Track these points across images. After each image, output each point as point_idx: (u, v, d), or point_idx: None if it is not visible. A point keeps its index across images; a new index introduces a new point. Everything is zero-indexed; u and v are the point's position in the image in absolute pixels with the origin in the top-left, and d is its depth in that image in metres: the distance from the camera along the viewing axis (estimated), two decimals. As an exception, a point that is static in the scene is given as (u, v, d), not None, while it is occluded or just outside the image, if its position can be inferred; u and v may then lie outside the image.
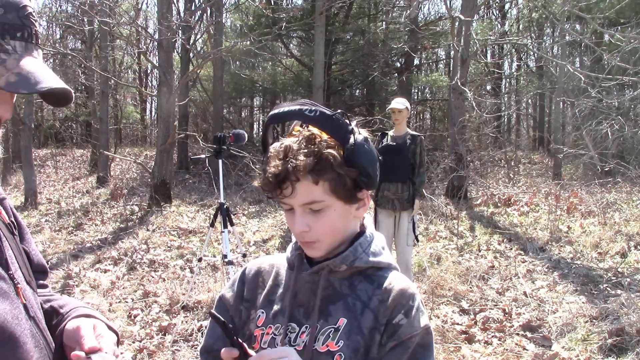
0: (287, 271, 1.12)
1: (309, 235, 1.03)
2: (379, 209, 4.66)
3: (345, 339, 1.01)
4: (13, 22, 0.84)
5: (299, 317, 1.06)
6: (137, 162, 12.04)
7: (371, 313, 1.02)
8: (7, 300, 0.89)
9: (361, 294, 1.04)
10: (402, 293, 1.03)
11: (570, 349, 3.80)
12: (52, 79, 0.86)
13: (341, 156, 1.00)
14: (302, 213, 1.02)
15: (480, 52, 13.42)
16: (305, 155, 0.98)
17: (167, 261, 6.22)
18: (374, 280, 1.06)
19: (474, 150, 12.93)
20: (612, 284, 5.05)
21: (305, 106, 1.03)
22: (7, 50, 0.84)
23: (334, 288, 1.05)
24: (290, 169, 0.98)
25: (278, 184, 1.00)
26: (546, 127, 21.44)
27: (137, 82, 24.24)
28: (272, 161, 1.01)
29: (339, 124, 1.02)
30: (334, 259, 1.05)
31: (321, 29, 13.46)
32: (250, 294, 1.14)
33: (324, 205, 1.01)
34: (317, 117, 1.02)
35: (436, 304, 4.74)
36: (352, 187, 1.02)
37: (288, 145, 1.01)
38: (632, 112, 9.26)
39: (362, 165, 1.02)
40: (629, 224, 7.52)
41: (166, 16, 9.52)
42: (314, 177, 0.99)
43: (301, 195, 1.00)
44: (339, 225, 1.05)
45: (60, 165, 17.64)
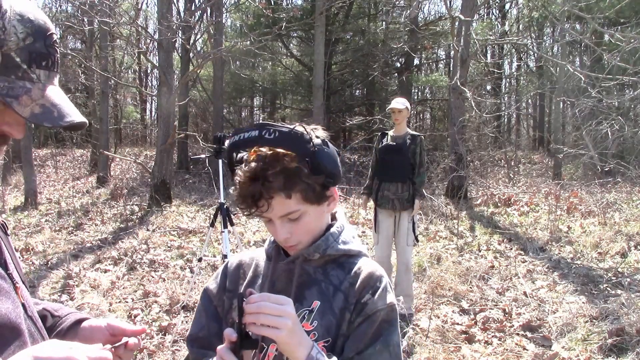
0: (265, 262, 1.23)
1: (291, 240, 1.13)
2: (379, 209, 4.66)
3: (320, 319, 1.11)
4: (40, 51, 0.86)
5: None
6: (137, 162, 12.03)
7: (342, 294, 1.13)
8: (9, 300, 0.90)
9: (333, 279, 1.15)
10: (370, 275, 1.14)
11: (570, 349, 3.80)
12: (74, 113, 0.88)
13: (306, 167, 1.07)
14: (281, 223, 1.11)
15: (480, 52, 13.42)
16: (274, 175, 1.05)
17: (167, 261, 6.22)
18: (345, 267, 1.17)
19: (474, 150, 12.93)
20: (612, 284, 5.05)
21: (264, 130, 1.08)
22: (32, 79, 0.85)
23: (308, 275, 1.16)
24: (262, 189, 1.06)
25: (254, 203, 1.08)
26: (546, 127, 21.45)
27: (137, 82, 24.24)
28: (243, 184, 1.08)
29: (298, 138, 1.07)
30: (308, 249, 1.15)
31: (321, 29, 13.47)
32: (232, 285, 1.23)
33: (300, 213, 1.10)
34: (277, 138, 1.07)
35: (436, 304, 4.74)
36: (320, 190, 1.11)
37: (255, 167, 1.07)
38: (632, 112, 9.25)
39: (326, 169, 1.09)
40: (629, 224, 7.52)
41: (166, 16, 9.52)
42: (286, 192, 1.06)
43: (277, 209, 1.08)
44: (315, 225, 1.15)
45: (60, 165, 17.64)
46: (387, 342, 1.10)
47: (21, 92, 0.84)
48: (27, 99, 0.84)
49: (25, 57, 0.84)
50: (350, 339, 1.11)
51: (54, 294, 5.12)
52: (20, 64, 0.84)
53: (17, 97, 0.83)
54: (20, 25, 0.84)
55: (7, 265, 0.95)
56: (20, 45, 0.83)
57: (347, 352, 1.10)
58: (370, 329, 1.10)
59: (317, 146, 1.08)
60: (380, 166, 4.68)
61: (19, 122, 0.88)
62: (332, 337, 1.11)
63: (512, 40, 15.68)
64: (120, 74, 19.61)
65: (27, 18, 0.85)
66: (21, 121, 0.88)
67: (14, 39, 0.83)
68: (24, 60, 0.84)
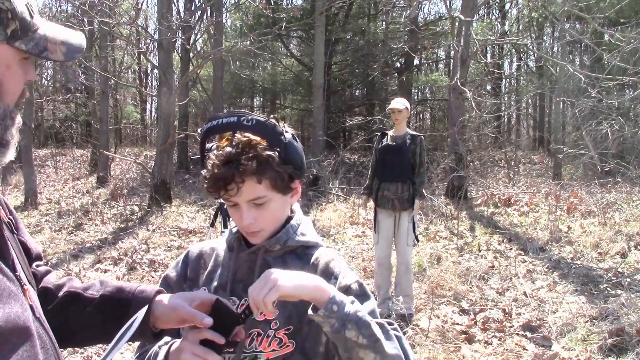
0: (226, 253, 1.26)
1: (254, 226, 1.16)
2: (379, 209, 4.65)
3: (281, 309, 1.13)
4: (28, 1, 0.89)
5: (239, 291, 1.19)
6: (137, 162, 12.03)
7: None
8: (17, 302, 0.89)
9: (292, 270, 1.15)
10: (327, 265, 1.20)
11: (570, 349, 3.80)
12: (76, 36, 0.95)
13: (277, 156, 1.13)
14: (247, 208, 1.15)
15: (480, 52, 13.42)
16: (247, 159, 1.10)
17: (167, 261, 6.22)
18: (303, 258, 1.22)
19: (474, 150, 12.93)
20: (612, 284, 5.05)
21: (242, 117, 1.14)
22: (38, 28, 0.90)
23: (268, 265, 1.18)
24: (235, 172, 1.10)
25: (224, 186, 1.12)
26: (546, 127, 21.45)
27: (137, 82, 24.25)
28: (215, 167, 1.12)
29: (272, 128, 1.14)
30: (269, 240, 1.19)
31: (321, 29, 13.46)
32: (193, 274, 1.26)
33: (267, 199, 1.15)
34: (254, 125, 1.14)
35: (436, 304, 4.74)
36: (287, 180, 1.17)
37: (229, 152, 1.12)
38: (632, 112, 9.25)
39: (295, 161, 1.16)
40: (629, 224, 7.52)
41: (166, 16, 9.52)
42: (258, 177, 1.12)
43: (246, 193, 1.13)
44: (279, 214, 1.20)
45: (60, 165, 17.64)
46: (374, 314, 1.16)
47: (44, 43, 0.89)
48: (52, 46, 0.89)
49: (28, 13, 0.88)
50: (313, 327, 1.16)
51: (54, 294, 5.12)
52: (31, 22, 0.88)
53: (46, 49, 0.88)
54: None
55: (15, 266, 0.95)
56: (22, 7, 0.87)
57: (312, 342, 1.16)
58: None
59: (287, 139, 1.15)
60: (380, 166, 4.68)
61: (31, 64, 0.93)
62: (293, 325, 1.16)
63: (512, 40, 15.68)
64: (120, 74, 19.61)
65: None
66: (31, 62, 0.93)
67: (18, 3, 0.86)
68: (29, 14, 0.88)
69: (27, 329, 0.89)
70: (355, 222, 8.27)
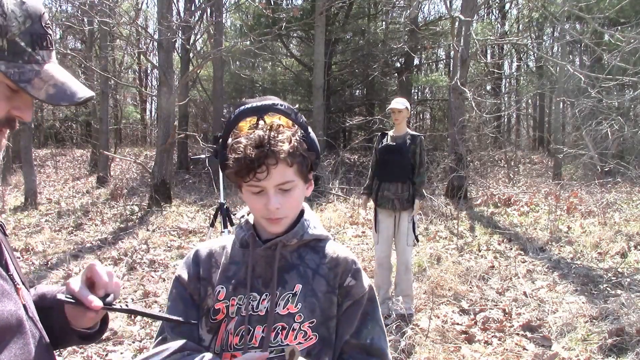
0: (239, 250, 1.25)
1: (280, 212, 1.16)
2: (379, 208, 4.65)
3: (303, 301, 1.17)
4: (39, 32, 0.87)
5: (259, 287, 1.19)
6: (137, 162, 12.04)
7: (323, 279, 1.21)
8: (11, 301, 0.90)
9: (310, 263, 1.22)
10: (347, 260, 1.24)
11: (570, 349, 3.80)
12: (81, 88, 0.91)
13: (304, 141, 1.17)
14: (274, 193, 1.15)
15: (480, 52, 13.41)
16: (281, 142, 1.12)
17: (167, 261, 6.22)
18: (318, 251, 1.24)
19: (474, 150, 12.92)
20: (612, 284, 5.05)
21: (276, 100, 1.19)
22: (37, 61, 0.86)
23: (286, 259, 1.21)
24: (268, 154, 1.11)
25: (253, 169, 1.12)
26: (546, 127, 21.45)
27: (137, 82, 24.24)
28: (247, 149, 1.12)
29: (299, 116, 1.19)
30: (286, 235, 1.20)
31: (321, 29, 13.46)
32: (206, 273, 1.25)
33: (293, 185, 1.17)
34: (286, 110, 1.18)
35: (436, 304, 4.74)
36: (309, 168, 1.21)
37: (262, 135, 1.13)
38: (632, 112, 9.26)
39: (316, 149, 1.21)
40: (629, 224, 7.52)
41: (166, 16, 9.52)
42: (290, 160, 1.13)
43: (276, 177, 1.13)
44: (299, 202, 1.22)
45: (60, 165, 17.64)
46: (376, 318, 1.23)
47: (32, 76, 0.85)
48: (39, 82, 0.85)
49: (28, 41, 0.85)
50: (342, 322, 1.21)
51: (54, 294, 5.12)
52: (25, 47, 0.84)
53: (30, 81, 0.84)
54: (18, 8, 0.84)
55: (8, 266, 0.96)
56: (22, 30, 0.84)
57: (342, 335, 1.20)
58: (359, 311, 1.21)
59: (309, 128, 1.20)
60: (380, 166, 4.68)
61: (29, 105, 0.90)
62: (316, 319, 1.17)
63: (512, 40, 15.67)
64: (120, 74, 19.60)
65: (20, 1, 0.85)
66: (30, 104, 0.90)
67: (16, 24, 0.83)
68: (28, 44, 0.85)
69: (21, 327, 0.90)
70: (355, 222, 8.27)
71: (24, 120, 0.91)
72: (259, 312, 1.17)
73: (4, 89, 0.85)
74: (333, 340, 1.20)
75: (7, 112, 0.88)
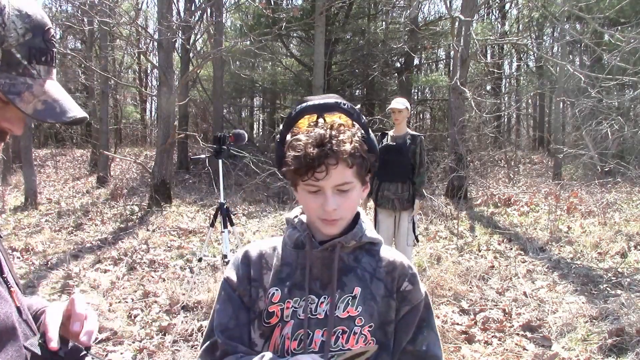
0: (292, 251, 1.22)
1: (336, 213, 1.13)
2: (379, 209, 4.65)
3: (362, 305, 1.16)
4: (39, 47, 0.86)
5: (316, 290, 1.17)
6: (137, 162, 12.03)
7: (381, 283, 1.19)
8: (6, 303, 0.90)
9: (366, 266, 1.20)
10: (403, 264, 1.23)
11: (570, 349, 3.80)
12: (75, 108, 0.89)
13: (364, 143, 1.14)
14: (332, 194, 1.12)
15: (480, 52, 13.40)
16: (342, 141, 1.09)
17: (167, 261, 6.22)
18: (374, 254, 1.22)
19: (474, 150, 12.92)
20: (612, 284, 5.05)
21: (339, 99, 1.16)
22: (32, 75, 0.85)
23: (343, 262, 1.19)
24: (329, 153, 1.08)
25: (312, 168, 1.09)
26: (546, 127, 21.45)
27: (137, 82, 24.24)
28: (307, 147, 1.09)
29: (361, 117, 1.17)
30: (345, 236, 1.18)
31: (321, 29, 13.46)
32: (256, 274, 1.22)
33: (351, 186, 1.13)
34: (350, 109, 1.16)
35: (436, 304, 4.74)
36: (367, 171, 1.17)
37: (322, 133, 1.10)
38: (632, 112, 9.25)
39: (376, 152, 1.17)
40: (629, 224, 7.52)
41: (166, 16, 9.52)
42: (350, 160, 1.10)
43: (335, 177, 1.10)
44: (356, 205, 1.18)
45: (60, 165, 17.64)
46: (432, 325, 1.23)
47: (23, 89, 0.83)
48: (29, 96, 0.84)
49: (25, 53, 0.84)
50: (399, 328, 1.20)
51: (54, 294, 5.12)
52: (21, 60, 0.84)
53: (19, 94, 0.83)
54: (19, 20, 0.83)
55: (2, 268, 0.95)
56: (20, 41, 0.83)
57: (400, 341, 1.20)
58: (416, 317, 1.20)
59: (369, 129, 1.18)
60: (380, 166, 4.67)
61: (20, 119, 0.88)
62: (374, 323, 1.16)
63: (512, 40, 15.66)
64: (120, 74, 19.60)
65: (25, 13, 0.84)
66: (21, 117, 0.88)
67: (14, 35, 0.82)
68: (24, 56, 0.84)
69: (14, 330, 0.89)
70: (355, 222, 8.27)
71: (14, 133, 0.89)
72: (318, 315, 1.15)
73: None
74: (390, 345, 1.19)
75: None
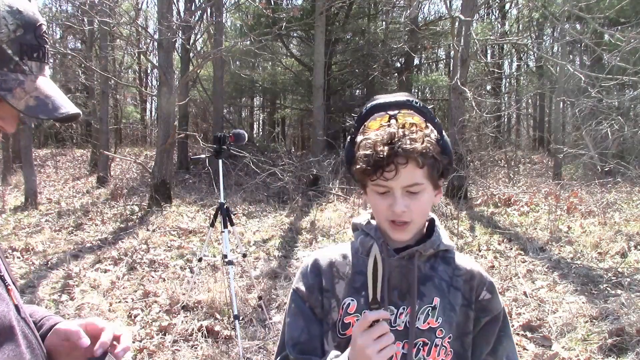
0: (366, 259, 1.15)
1: (405, 215, 1.09)
2: (379, 209, 4.65)
3: (442, 315, 1.12)
4: (31, 43, 0.85)
5: (395, 300, 1.13)
6: (137, 162, 12.03)
7: (458, 292, 1.15)
8: (3, 302, 0.90)
9: (443, 275, 1.16)
10: (480, 272, 1.20)
11: (570, 349, 3.80)
12: (67, 104, 0.89)
13: (437, 144, 1.10)
14: (401, 195, 1.08)
15: (480, 52, 13.41)
16: (413, 140, 1.06)
17: (167, 261, 6.22)
18: (449, 262, 1.18)
19: (474, 150, 12.91)
20: (612, 284, 5.05)
21: (410, 97, 1.12)
22: (24, 71, 0.85)
23: (420, 270, 1.14)
24: (399, 152, 1.04)
25: (381, 167, 1.06)
26: (546, 127, 21.45)
27: (137, 82, 24.24)
28: (376, 146, 1.06)
29: (434, 116, 1.12)
30: (424, 244, 1.14)
31: (321, 29, 13.46)
32: (328, 284, 1.17)
33: (422, 188, 1.09)
34: (422, 107, 1.11)
35: (436, 304, 4.74)
36: (439, 174, 1.12)
37: (393, 132, 1.07)
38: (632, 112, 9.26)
39: (450, 154, 1.12)
40: (629, 224, 7.52)
41: (166, 16, 9.52)
42: (421, 160, 1.06)
43: (404, 177, 1.06)
44: (428, 208, 1.14)
45: (60, 165, 17.64)
46: (509, 335, 1.19)
47: (14, 85, 0.83)
48: (20, 92, 0.83)
49: (16, 49, 0.83)
50: (479, 339, 1.16)
51: (54, 294, 5.12)
52: (12, 56, 0.83)
53: (11, 90, 0.82)
54: (10, 16, 0.83)
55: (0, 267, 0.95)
56: (11, 37, 0.82)
57: (480, 353, 1.16)
58: (496, 327, 1.17)
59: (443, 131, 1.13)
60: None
61: (13, 115, 0.87)
62: (452, 334, 1.12)
63: (512, 40, 15.67)
64: (120, 74, 19.60)
65: (16, 9, 0.84)
66: (14, 114, 0.87)
67: (5, 30, 0.82)
68: (15, 52, 0.83)
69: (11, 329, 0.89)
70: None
71: (6, 131, 0.88)
72: (397, 326, 1.11)
73: None
74: (468, 356, 1.15)
75: None
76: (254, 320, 4.47)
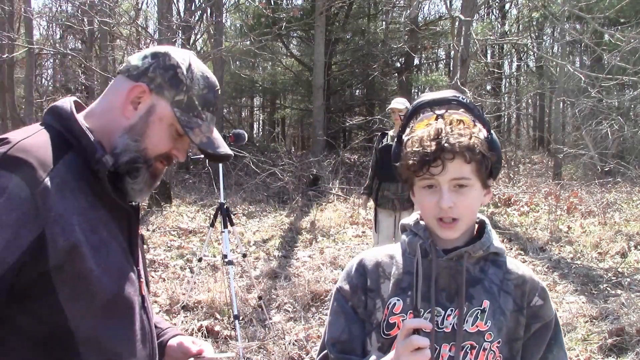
0: (409, 259, 1.17)
1: (452, 211, 1.08)
2: (379, 208, 4.66)
3: (492, 319, 1.10)
4: (210, 100, 1.15)
5: (443, 301, 1.11)
6: (137, 162, 11.95)
7: (509, 296, 1.13)
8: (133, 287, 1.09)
9: (493, 278, 1.14)
10: (532, 277, 1.17)
11: (570, 349, 3.80)
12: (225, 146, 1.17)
13: (485, 140, 1.10)
14: (448, 190, 1.07)
15: (480, 52, 13.40)
16: (460, 135, 1.06)
17: (167, 261, 6.22)
18: (500, 265, 1.16)
19: (474, 150, 12.90)
20: (612, 284, 5.05)
21: (457, 94, 1.13)
22: (202, 118, 1.13)
23: (469, 273, 1.13)
24: (446, 147, 1.05)
25: (428, 162, 1.06)
26: (546, 127, 21.44)
27: (137, 82, 24.19)
28: (423, 141, 1.08)
29: (482, 113, 1.13)
30: (473, 245, 1.12)
31: (321, 29, 13.47)
32: (373, 284, 1.17)
33: (469, 183, 1.08)
34: (469, 105, 1.12)
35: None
36: (488, 172, 1.11)
37: (440, 128, 1.08)
38: (632, 112, 9.26)
39: (498, 152, 1.12)
40: (629, 224, 7.51)
41: (166, 16, 9.53)
42: (469, 155, 1.06)
43: (451, 171, 1.06)
44: (476, 206, 1.12)
45: (60, 165, 17.61)
46: (561, 342, 1.17)
47: (195, 126, 1.12)
48: (198, 131, 1.12)
49: (201, 102, 1.13)
50: (529, 346, 1.14)
51: (54, 294, 5.12)
52: (197, 106, 1.12)
53: (193, 129, 1.11)
54: (202, 80, 1.14)
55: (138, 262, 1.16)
56: (199, 94, 1.13)
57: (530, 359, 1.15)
58: (548, 335, 1.15)
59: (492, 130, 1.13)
60: (380, 166, 4.68)
61: (185, 149, 1.17)
62: (501, 338, 1.11)
63: (512, 40, 15.66)
64: (120, 74, 19.55)
65: (206, 76, 1.15)
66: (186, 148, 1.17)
67: (197, 88, 1.12)
68: (200, 104, 1.13)
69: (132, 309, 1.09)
70: (355, 222, 8.27)
71: (179, 159, 1.17)
72: (445, 328, 1.10)
73: (173, 131, 1.11)
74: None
75: (169, 149, 1.13)
76: (254, 320, 4.47)
